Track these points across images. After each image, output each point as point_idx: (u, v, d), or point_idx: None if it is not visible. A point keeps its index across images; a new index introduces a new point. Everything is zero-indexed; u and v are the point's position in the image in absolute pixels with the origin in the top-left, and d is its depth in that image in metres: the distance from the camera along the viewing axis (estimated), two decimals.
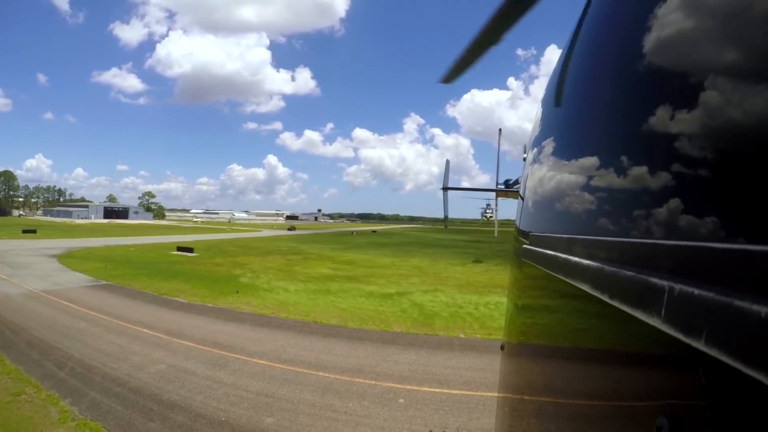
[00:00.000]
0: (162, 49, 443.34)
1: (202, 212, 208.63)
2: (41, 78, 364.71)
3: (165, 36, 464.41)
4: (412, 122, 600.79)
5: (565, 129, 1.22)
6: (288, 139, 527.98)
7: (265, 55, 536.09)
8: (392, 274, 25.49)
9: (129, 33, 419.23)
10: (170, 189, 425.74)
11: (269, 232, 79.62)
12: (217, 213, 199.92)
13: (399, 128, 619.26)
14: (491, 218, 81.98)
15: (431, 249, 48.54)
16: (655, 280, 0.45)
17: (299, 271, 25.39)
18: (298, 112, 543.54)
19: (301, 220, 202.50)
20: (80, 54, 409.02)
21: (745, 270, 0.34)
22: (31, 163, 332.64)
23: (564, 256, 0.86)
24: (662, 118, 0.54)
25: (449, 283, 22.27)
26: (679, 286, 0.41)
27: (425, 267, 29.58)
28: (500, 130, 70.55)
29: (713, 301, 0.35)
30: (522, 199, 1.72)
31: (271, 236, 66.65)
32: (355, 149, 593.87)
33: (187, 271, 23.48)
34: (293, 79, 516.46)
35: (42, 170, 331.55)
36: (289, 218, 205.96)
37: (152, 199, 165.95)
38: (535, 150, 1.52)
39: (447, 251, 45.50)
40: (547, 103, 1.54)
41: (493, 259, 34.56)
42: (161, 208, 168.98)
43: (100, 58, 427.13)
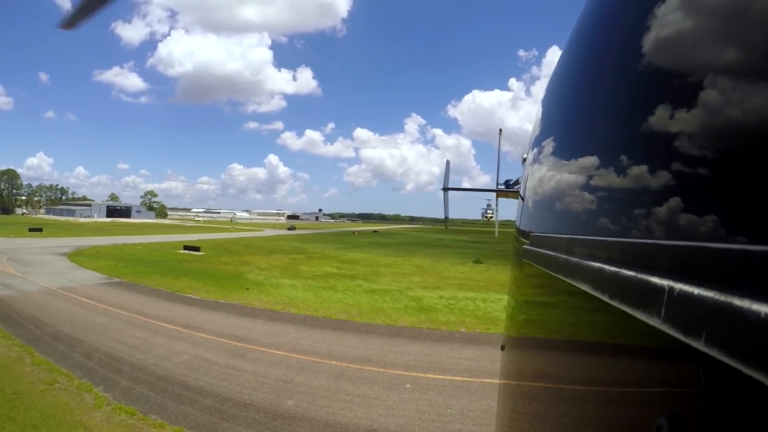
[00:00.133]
0: (164, 49, 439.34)
1: (204, 211, 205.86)
2: (43, 76, 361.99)
3: (167, 35, 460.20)
4: (413, 122, 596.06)
5: (566, 129, 1.22)
6: (289, 138, 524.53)
7: (266, 54, 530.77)
8: (395, 272, 25.97)
9: (131, 32, 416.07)
10: (171, 188, 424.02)
11: (272, 232, 79.27)
12: (219, 212, 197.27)
13: (400, 128, 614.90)
14: (492, 219, 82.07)
15: (432, 249, 48.92)
16: (656, 280, 0.45)
17: (304, 269, 25.73)
18: (300, 111, 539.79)
19: (302, 220, 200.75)
20: (82, 53, 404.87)
21: (745, 270, 0.34)
22: (32, 161, 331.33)
23: (564, 256, 0.86)
24: (662, 118, 0.54)
25: (450, 281, 22.82)
26: (679, 286, 0.40)
27: (426, 266, 29.98)
28: (500, 131, 70.73)
29: (713, 301, 0.35)
30: (522, 199, 1.72)
31: (273, 236, 66.42)
32: (356, 149, 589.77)
33: (196, 270, 23.78)
34: (295, 78, 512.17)
35: (43, 168, 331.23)
36: (290, 218, 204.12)
37: (154, 198, 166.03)
38: (536, 150, 1.51)
39: (448, 251, 45.91)
40: (547, 104, 1.54)
41: (493, 259, 35.00)
42: (163, 207, 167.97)
43: (101, 57, 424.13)
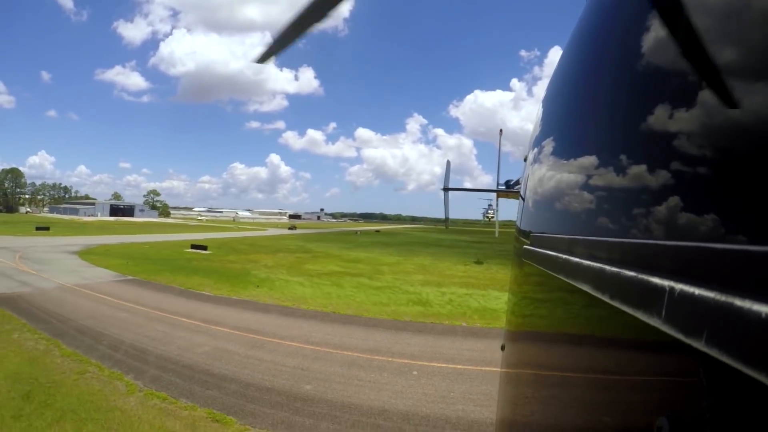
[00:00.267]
0: (165, 48, 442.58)
1: (206, 210, 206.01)
2: (45, 75, 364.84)
3: (169, 34, 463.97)
4: (415, 122, 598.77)
5: (566, 129, 1.21)
6: (291, 138, 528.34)
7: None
8: (398, 271, 26.60)
9: (133, 31, 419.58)
10: (172, 187, 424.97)
11: (275, 231, 79.56)
12: (221, 211, 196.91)
13: (402, 128, 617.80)
14: (492, 219, 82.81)
15: (434, 248, 49.48)
16: (656, 280, 0.45)
17: (310, 268, 26.20)
18: (301, 111, 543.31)
19: (303, 219, 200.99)
20: (84, 52, 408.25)
21: (745, 270, 0.34)
22: (34, 160, 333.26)
23: (564, 256, 0.85)
24: (663, 118, 0.54)
25: (452, 279, 23.49)
26: (680, 286, 0.40)
27: (429, 265, 30.58)
28: (501, 131, 71.66)
29: (713, 301, 0.35)
30: (523, 199, 1.72)
31: (277, 235, 66.74)
32: (358, 149, 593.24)
33: (205, 268, 24.17)
34: (296, 78, 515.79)
35: (45, 167, 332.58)
36: (292, 217, 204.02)
37: (157, 198, 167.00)
38: (536, 150, 1.51)
39: (449, 251, 46.56)
40: (548, 103, 1.54)
41: (493, 258, 35.62)
42: (166, 206, 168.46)
43: (103, 56, 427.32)
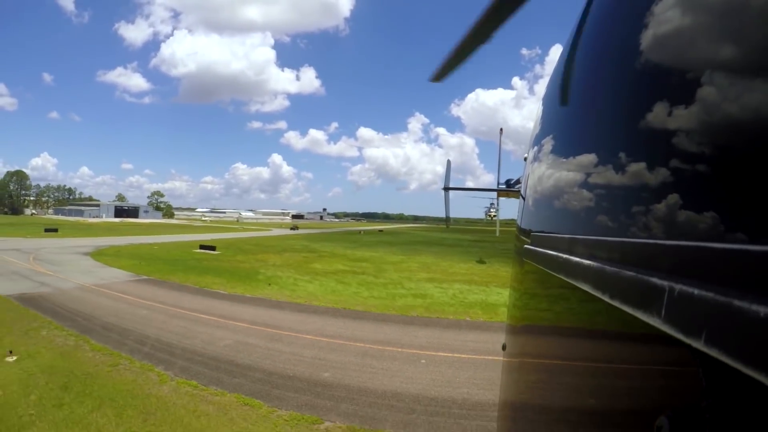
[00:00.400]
0: (167, 49, 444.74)
1: (209, 211, 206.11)
2: (47, 77, 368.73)
3: (170, 35, 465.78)
4: (417, 122, 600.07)
5: (566, 127, 1.21)
6: (293, 138, 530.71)
7: (269, 54, 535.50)
8: (403, 269, 27.38)
9: (134, 32, 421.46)
10: (175, 188, 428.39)
11: (279, 231, 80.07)
12: (224, 212, 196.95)
13: (403, 127, 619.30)
14: (495, 217, 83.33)
15: (437, 247, 50.22)
16: (656, 280, 0.45)
17: (317, 267, 26.83)
18: (303, 111, 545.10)
19: (306, 219, 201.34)
20: (85, 53, 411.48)
21: (745, 270, 0.34)
22: (36, 161, 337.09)
23: (565, 255, 0.85)
24: (663, 117, 0.54)
25: (455, 277, 24.25)
26: (680, 286, 0.40)
27: (432, 264, 31.29)
28: (501, 130, 72.20)
29: (713, 301, 0.35)
30: (523, 198, 1.72)
31: (282, 235, 67.21)
32: (360, 148, 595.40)
33: (216, 267, 24.70)
34: (298, 78, 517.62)
35: (47, 169, 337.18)
36: (294, 217, 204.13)
37: (161, 199, 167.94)
38: (536, 149, 1.50)
39: (452, 250, 47.29)
40: (548, 102, 1.53)
41: (495, 257, 36.28)
42: (170, 207, 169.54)
43: (105, 57, 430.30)
